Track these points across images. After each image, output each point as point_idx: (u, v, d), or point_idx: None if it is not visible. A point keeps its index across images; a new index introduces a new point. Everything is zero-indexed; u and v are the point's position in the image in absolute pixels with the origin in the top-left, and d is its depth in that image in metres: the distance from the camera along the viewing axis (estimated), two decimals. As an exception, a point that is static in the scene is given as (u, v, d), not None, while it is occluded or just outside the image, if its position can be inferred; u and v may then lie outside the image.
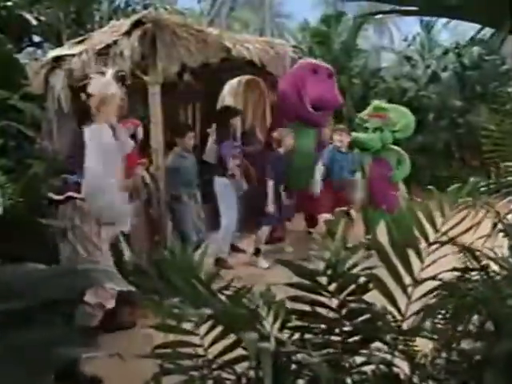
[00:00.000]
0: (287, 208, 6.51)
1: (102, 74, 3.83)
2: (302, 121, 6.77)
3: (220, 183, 6.08)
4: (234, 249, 6.58)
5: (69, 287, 1.67)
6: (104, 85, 3.65)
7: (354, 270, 1.52)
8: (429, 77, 12.43)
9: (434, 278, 1.38)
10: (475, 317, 1.32)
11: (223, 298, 1.25)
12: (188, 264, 1.46)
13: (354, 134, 6.63)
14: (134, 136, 5.23)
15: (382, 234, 1.50)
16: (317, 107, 6.81)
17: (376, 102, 6.79)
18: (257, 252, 6.25)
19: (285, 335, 1.46)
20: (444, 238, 1.45)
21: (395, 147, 6.76)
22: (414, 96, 11.88)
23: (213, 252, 5.98)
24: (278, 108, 7.05)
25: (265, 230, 6.27)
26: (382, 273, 1.42)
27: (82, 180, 3.55)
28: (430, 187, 1.55)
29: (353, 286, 1.48)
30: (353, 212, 6.34)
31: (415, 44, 14.15)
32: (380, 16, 14.46)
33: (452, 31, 19.45)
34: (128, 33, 5.55)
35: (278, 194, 6.24)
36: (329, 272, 1.53)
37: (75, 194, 3.55)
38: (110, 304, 3.37)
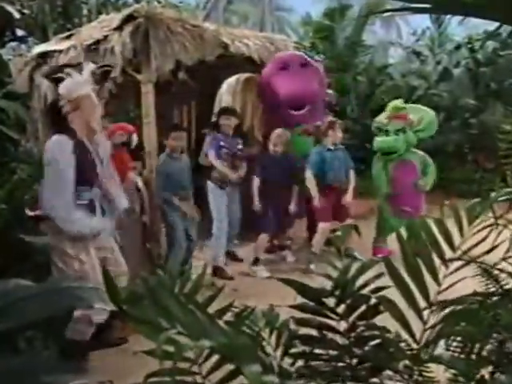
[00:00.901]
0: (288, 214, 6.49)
1: (80, 69, 3.75)
2: (287, 123, 6.59)
3: (210, 187, 6.10)
4: (233, 257, 6.56)
5: (55, 307, 1.65)
6: (75, 85, 3.50)
7: (364, 291, 1.50)
8: (439, 74, 12.43)
9: (451, 302, 1.36)
10: (496, 344, 1.30)
11: (223, 324, 1.22)
12: (184, 285, 1.44)
13: (376, 138, 6.60)
14: (127, 143, 5.21)
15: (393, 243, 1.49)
16: (294, 105, 6.64)
17: (394, 103, 6.74)
18: (255, 261, 6.23)
19: (289, 361, 1.43)
20: (461, 256, 1.43)
21: (418, 150, 6.75)
22: (423, 94, 11.88)
23: (209, 260, 5.99)
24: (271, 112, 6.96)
25: (263, 238, 6.24)
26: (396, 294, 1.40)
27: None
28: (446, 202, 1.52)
29: (363, 308, 1.46)
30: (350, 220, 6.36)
31: (425, 39, 14.17)
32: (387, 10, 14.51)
33: (464, 24, 19.46)
34: (119, 28, 5.56)
35: (278, 198, 6.25)
36: (337, 292, 1.51)
37: (41, 213, 3.44)
38: (101, 318, 3.35)
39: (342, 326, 1.48)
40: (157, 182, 5.51)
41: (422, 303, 1.39)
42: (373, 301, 1.44)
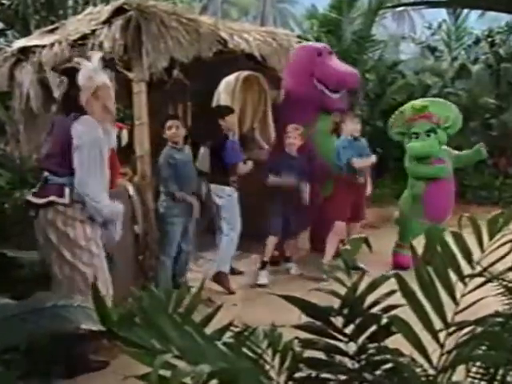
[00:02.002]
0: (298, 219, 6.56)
1: (87, 59, 3.98)
2: (325, 109, 7.26)
3: (223, 193, 6.12)
4: (231, 271, 6.55)
5: (36, 329, 1.65)
6: (92, 73, 3.83)
7: (375, 309, 1.50)
8: (456, 70, 12.45)
9: (471, 323, 1.36)
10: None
11: (222, 345, 1.23)
12: (179, 303, 1.44)
13: (412, 144, 6.67)
14: (117, 138, 5.25)
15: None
16: (333, 90, 7.26)
17: (414, 102, 6.85)
18: (262, 266, 6.39)
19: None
20: (481, 273, 1.43)
21: (447, 147, 6.89)
22: (438, 93, 11.88)
23: (205, 272, 6.03)
24: (289, 105, 7.12)
25: (272, 241, 6.40)
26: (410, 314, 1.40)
27: (66, 182, 3.75)
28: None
29: (373, 329, 1.46)
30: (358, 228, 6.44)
31: (440, 32, 14.17)
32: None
33: (484, 16, 19.52)
34: (108, 21, 5.56)
35: (289, 201, 6.38)
36: (345, 311, 1.51)
37: (57, 199, 3.72)
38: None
39: (351, 348, 1.49)
40: (162, 174, 5.65)
41: (439, 324, 1.39)
42: (384, 321, 1.45)
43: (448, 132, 6.71)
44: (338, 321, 1.52)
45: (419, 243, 1.52)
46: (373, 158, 6.62)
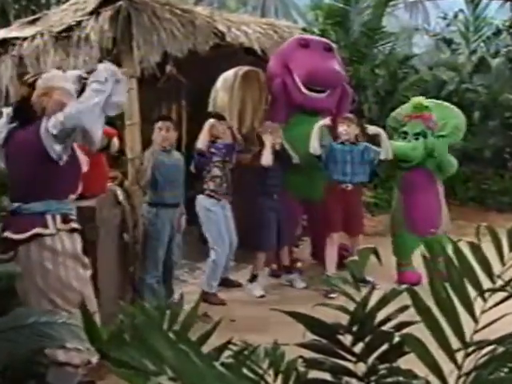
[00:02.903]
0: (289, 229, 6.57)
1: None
2: (298, 108, 6.87)
3: (201, 203, 6.15)
4: (227, 283, 6.57)
5: (13, 349, 1.65)
6: (54, 76, 3.66)
7: (386, 326, 1.51)
8: (474, 65, 12.45)
9: (491, 342, 1.36)
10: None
11: (221, 366, 1.23)
12: (174, 319, 1.45)
13: (392, 142, 6.63)
14: (107, 148, 5.22)
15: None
16: (312, 87, 6.85)
17: (417, 99, 6.76)
18: (252, 279, 6.43)
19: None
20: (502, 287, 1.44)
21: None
22: (455, 90, 11.91)
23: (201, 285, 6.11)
24: (271, 99, 7.09)
25: (260, 257, 6.41)
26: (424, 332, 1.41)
27: (48, 209, 3.46)
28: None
29: (384, 348, 1.46)
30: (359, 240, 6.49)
31: (457, 23, 14.17)
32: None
33: (505, 5, 19.49)
34: (95, 12, 5.59)
35: (275, 208, 6.39)
36: (354, 328, 1.51)
37: (43, 230, 3.44)
38: (76, 361, 3.35)
39: (360, 368, 1.49)
40: (144, 180, 5.55)
41: (456, 343, 1.39)
42: (397, 339, 1.45)
43: (441, 141, 6.63)
44: (346, 339, 1.52)
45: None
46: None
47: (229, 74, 6.72)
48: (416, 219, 6.46)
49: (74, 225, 3.60)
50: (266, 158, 6.24)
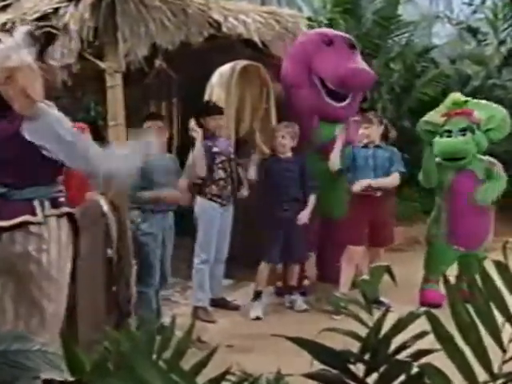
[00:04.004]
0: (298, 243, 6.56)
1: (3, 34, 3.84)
2: (320, 116, 6.93)
3: (202, 206, 6.23)
4: (223, 304, 6.59)
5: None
6: (6, 51, 3.60)
7: (403, 355, 1.51)
8: (504, 57, 12.43)
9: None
10: None
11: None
12: (165, 346, 1.46)
13: (439, 139, 6.62)
14: None
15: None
16: (337, 92, 6.92)
17: (455, 95, 6.81)
18: (255, 296, 6.43)
19: None
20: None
21: (483, 157, 6.78)
22: (480, 86, 11.91)
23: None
24: (286, 103, 7.12)
25: (262, 270, 6.41)
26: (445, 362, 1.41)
27: (35, 195, 3.62)
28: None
29: (401, 379, 1.47)
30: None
31: (484, 10, 14.12)
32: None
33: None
34: (75, -2, 5.60)
35: (285, 220, 6.39)
36: (366, 357, 1.52)
37: (31, 218, 3.59)
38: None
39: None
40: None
41: (482, 375, 1.39)
42: (415, 369, 1.45)
43: (491, 137, 6.66)
44: (358, 368, 1.53)
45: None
46: (384, 180, 6.50)
47: (225, 68, 6.73)
48: (460, 231, 6.45)
49: (65, 208, 3.76)
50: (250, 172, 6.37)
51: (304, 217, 6.39)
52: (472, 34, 13.67)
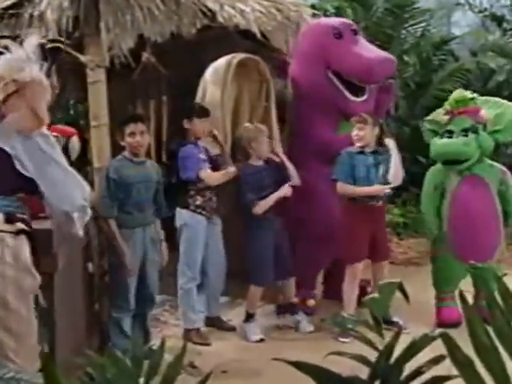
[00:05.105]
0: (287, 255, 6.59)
1: (14, 41, 3.87)
2: (341, 113, 6.98)
3: (183, 218, 6.23)
4: (218, 324, 6.61)
5: None
6: (18, 62, 3.66)
7: (417, 381, 1.53)
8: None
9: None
10: None
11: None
12: (153, 372, 1.47)
13: (436, 140, 6.62)
14: (64, 151, 5.25)
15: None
16: (355, 86, 6.99)
17: (459, 92, 6.79)
18: (247, 318, 6.41)
19: None
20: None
21: (495, 163, 6.75)
22: (505, 81, 11.91)
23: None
24: (298, 106, 7.17)
25: (254, 292, 6.40)
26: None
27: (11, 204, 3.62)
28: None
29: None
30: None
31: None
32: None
33: None
34: (53, -16, 5.61)
35: (270, 231, 6.39)
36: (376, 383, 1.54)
37: (7, 227, 3.59)
38: None
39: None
40: (102, 193, 5.50)
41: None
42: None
43: (496, 137, 6.61)
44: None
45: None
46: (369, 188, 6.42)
47: (220, 63, 6.70)
48: (466, 242, 6.41)
49: (21, 225, 3.67)
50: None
51: (259, 207, 6.25)
52: (496, 22, 13.64)
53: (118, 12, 5.44)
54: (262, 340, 6.25)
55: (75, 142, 5.35)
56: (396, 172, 6.38)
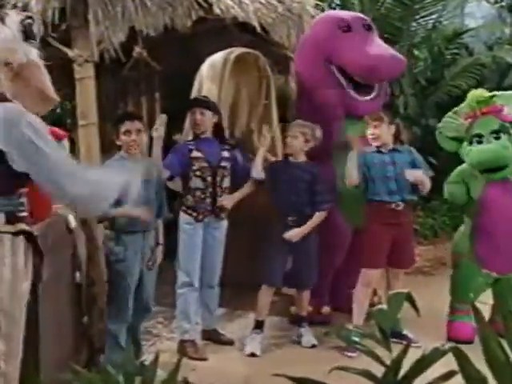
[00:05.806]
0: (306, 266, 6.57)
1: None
2: (346, 113, 6.96)
3: (180, 221, 6.27)
4: (215, 337, 6.62)
5: None
6: (12, 43, 3.59)
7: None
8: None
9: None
10: None
11: None
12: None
13: (472, 148, 6.51)
14: None
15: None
16: (362, 85, 6.98)
17: (477, 92, 6.72)
18: (257, 326, 6.41)
19: None
20: None
21: None
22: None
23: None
24: (302, 104, 7.18)
25: (265, 293, 6.39)
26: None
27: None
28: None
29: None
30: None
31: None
32: None
33: None
34: (38, -27, 5.62)
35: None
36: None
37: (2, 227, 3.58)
38: None
39: None
40: None
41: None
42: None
43: None
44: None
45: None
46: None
47: (217, 57, 6.71)
48: (493, 252, 6.38)
49: (22, 225, 3.67)
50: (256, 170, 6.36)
51: (294, 235, 6.31)
52: (514, 13, 13.70)
53: (108, 3, 5.44)
54: (253, 355, 6.20)
55: (65, 145, 5.33)
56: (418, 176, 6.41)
